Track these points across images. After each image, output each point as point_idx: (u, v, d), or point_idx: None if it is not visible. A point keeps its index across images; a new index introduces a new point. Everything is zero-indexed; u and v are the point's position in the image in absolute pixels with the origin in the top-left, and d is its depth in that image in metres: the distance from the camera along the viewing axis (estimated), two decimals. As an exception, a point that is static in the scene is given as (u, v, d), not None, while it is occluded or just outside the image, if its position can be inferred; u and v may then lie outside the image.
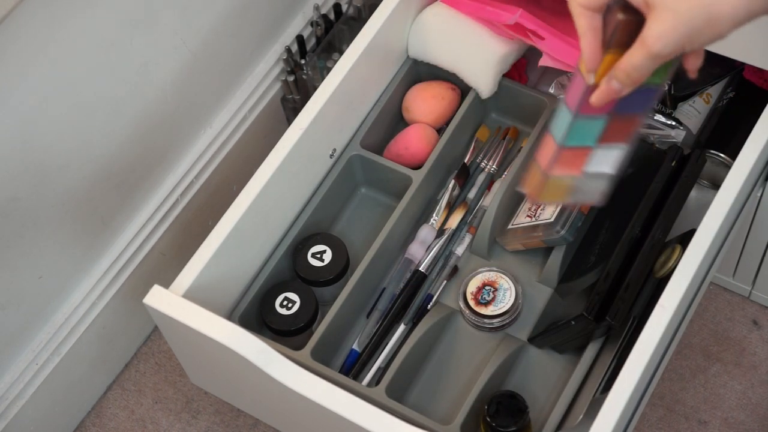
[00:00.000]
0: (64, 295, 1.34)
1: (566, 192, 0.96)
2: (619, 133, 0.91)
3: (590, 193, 0.96)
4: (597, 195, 0.96)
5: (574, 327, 1.09)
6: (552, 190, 0.95)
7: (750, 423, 1.37)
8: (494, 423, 1.08)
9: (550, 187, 0.95)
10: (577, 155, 0.92)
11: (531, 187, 0.96)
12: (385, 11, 1.21)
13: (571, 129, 0.89)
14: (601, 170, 0.94)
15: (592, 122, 0.89)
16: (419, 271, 1.21)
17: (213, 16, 1.35)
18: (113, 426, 1.44)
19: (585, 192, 0.96)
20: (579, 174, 0.94)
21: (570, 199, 0.98)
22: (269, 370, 1.00)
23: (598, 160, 0.93)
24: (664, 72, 0.84)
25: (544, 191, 0.95)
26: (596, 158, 0.92)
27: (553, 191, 0.95)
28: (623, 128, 0.91)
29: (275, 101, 1.52)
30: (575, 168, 0.93)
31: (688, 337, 1.42)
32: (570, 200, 0.99)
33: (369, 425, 0.96)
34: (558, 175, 0.94)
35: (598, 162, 0.93)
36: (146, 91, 1.30)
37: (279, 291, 1.18)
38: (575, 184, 0.95)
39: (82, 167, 1.25)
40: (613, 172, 0.94)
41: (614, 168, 0.94)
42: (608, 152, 0.92)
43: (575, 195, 0.96)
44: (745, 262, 1.38)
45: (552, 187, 0.95)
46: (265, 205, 1.13)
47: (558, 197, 1.00)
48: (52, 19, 1.10)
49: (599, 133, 0.90)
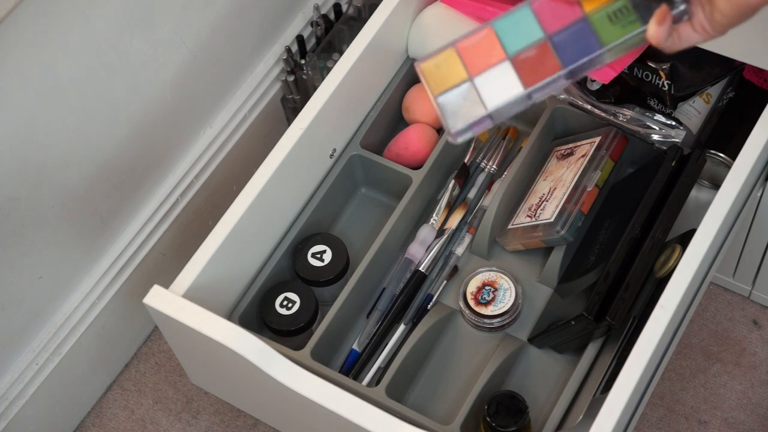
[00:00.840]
0: (64, 295, 1.34)
1: (446, 82, 0.81)
2: (532, 67, 0.80)
3: (453, 113, 0.81)
4: (456, 121, 0.81)
5: (574, 327, 1.09)
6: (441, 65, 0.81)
7: (750, 423, 1.37)
8: (494, 423, 1.08)
9: (442, 61, 0.81)
10: (488, 48, 0.80)
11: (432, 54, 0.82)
12: (385, 11, 1.21)
13: (512, 13, 0.81)
14: (482, 93, 0.80)
15: (531, 23, 0.80)
16: (419, 271, 1.21)
17: (213, 16, 1.35)
18: (113, 426, 1.44)
19: (452, 105, 0.81)
20: (469, 76, 0.81)
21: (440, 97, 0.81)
22: (269, 370, 1.00)
23: (494, 79, 0.80)
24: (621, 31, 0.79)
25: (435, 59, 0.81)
26: (495, 75, 0.80)
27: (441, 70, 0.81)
28: (538, 66, 0.80)
29: (275, 101, 1.52)
30: (474, 63, 0.80)
31: (688, 337, 1.42)
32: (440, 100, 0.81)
33: (369, 425, 0.96)
34: (457, 55, 0.81)
35: (491, 80, 0.80)
36: (146, 91, 1.30)
37: (279, 291, 1.18)
38: (457, 85, 0.81)
39: (82, 167, 1.25)
40: (488, 111, 0.81)
41: (494, 107, 0.80)
42: (506, 80, 0.80)
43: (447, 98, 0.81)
44: (745, 262, 1.38)
45: (443, 62, 0.81)
46: (265, 205, 1.13)
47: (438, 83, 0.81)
48: (52, 19, 1.10)
49: (525, 44, 0.80)
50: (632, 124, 1.23)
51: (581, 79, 1.27)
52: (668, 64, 1.19)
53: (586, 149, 1.22)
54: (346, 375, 1.15)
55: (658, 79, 1.20)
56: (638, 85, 1.22)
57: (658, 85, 1.20)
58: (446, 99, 0.81)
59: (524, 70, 0.81)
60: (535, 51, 0.81)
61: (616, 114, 1.24)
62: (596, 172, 1.20)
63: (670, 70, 1.19)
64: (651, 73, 1.21)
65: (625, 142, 1.23)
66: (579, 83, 1.27)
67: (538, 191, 1.23)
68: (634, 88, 1.23)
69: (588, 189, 1.18)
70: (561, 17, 0.81)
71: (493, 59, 0.81)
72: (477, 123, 0.81)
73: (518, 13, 0.81)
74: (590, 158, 1.20)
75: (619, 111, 1.24)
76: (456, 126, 0.81)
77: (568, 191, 1.18)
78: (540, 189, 1.23)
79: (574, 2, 0.80)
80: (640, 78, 1.22)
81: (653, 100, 1.23)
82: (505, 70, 0.81)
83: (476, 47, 0.81)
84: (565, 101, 1.26)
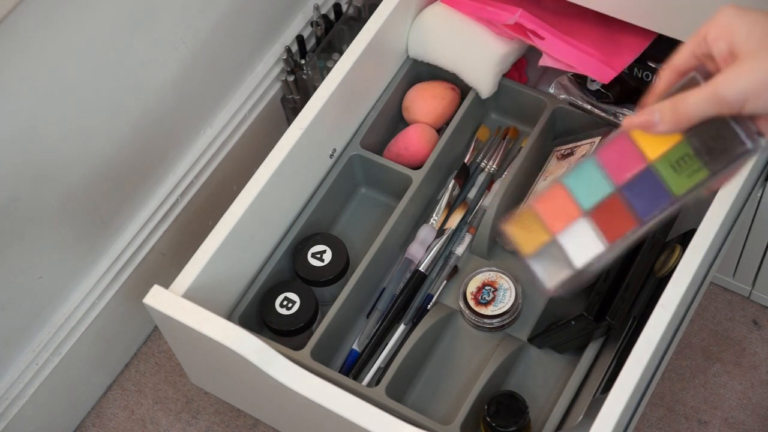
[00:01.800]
0: (64, 295, 1.34)
1: (533, 243, 0.82)
2: (609, 222, 0.80)
3: (545, 271, 0.82)
4: (549, 279, 0.82)
5: (574, 327, 1.09)
6: (525, 226, 0.83)
7: (750, 423, 1.37)
8: (494, 423, 1.08)
9: (524, 221, 0.83)
10: (563, 206, 0.81)
11: (515, 216, 0.84)
12: (385, 11, 1.21)
13: (579, 167, 0.81)
14: (569, 252, 0.81)
15: (599, 177, 0.80)
16: (419, 271, 1.21)
17: (213, 16, 1.35)
18: (113, 426, 1.44)
19: (543, 264, 0.82)
20: (552, 235, 0.82)
21: (531, 258, 0.82)
22: (269, 370, 1.00)
23: (576, 236, 0.81)
24: (688, 181, 0.77)
25: (519, 221, 0.83)
26: (576, 232, 0.81)
27: (525, 231, 0.83)
28: (615, 220, 0.80)
29: (275, 101, 1.52)
30: (554, 222, 0.81)
31: (688, 337, 1.42)
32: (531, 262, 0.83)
33: (369, 425, 0.96)
34: (536, 215, 0.82)
35: (574, 238, 0.81)
36: (146, 91, 1.30)
37: (279, 291, 1.18)
38: (544, 245, 0.82)
39: (82, 167, 1.25)
40: (574, 268, 0.81)
41: (580, 263, 0.81)
42: (587, 237, 0.81)
43: (537, 258, 0.82)
44: (745, 262, 1.38)
45: (526, 222, 0.83)
46: (265, 205, 1.13)
47: (525, 243, 0.83)
48: (52, 19, 1.10)
49: (597, 199, 0.80)
50: (632, 124, 1.23)
51: (581, 79, 1.27)
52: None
53: (586, 149, 1.22)
54: (346, 375, 1.15)
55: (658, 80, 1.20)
56: (638, 85, 1.22)
57: (658, 85, 1.20)
58: (536, 260, 0.82)
59: (603, 225, 0.80)
60: (608, 205, 0.80)
61: (616, 114, 1.24)
62: (596, 172, 1.19)
63: (670, 70, 1.19)
64: (651, 73, 1.21)
65: (625, 142, 1.23)
66: (579, 83, 1.27)
67: (538, 191, 1.23)
68: (634, 88, 1.23)
69: (588, 189, 1.18)
70: (626, 166, 0.79)
71: (570, 216, 0.81)
72: (570, 279, 0.82)
73: (585, 166, 0.81)
74: (590, 158, 1.20)
75: (619, 111, 1.24)
76: (550, 285, 0.82)
77: (568, 191, 1.18)
78: (540, 189, 1.23)
79: (637, 150, 0.78)
80: (640, 78, 1.22)
81: (653, 100, 1.22)
82: (584, 226, 0.81)
83: (552, 205, 0.82)
84: (565, 101, 1.26)
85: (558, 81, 1.29)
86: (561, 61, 1.20)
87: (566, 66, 1.20)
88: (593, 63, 1.19)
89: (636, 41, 1.20)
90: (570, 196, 0.81)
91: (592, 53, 1.19)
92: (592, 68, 1.19)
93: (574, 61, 1.19)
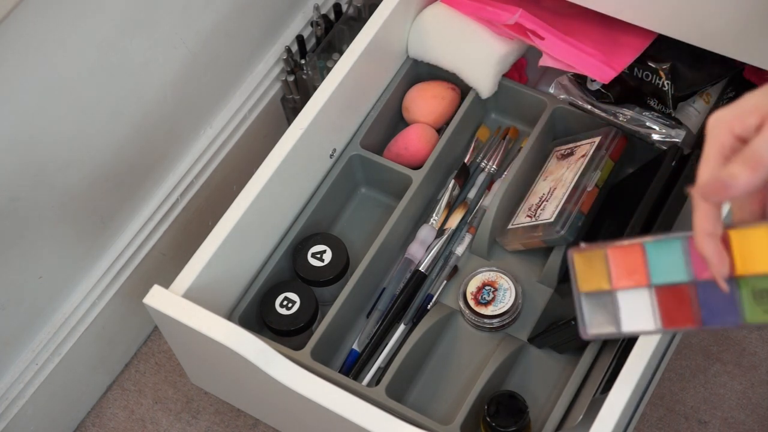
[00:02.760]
0: (64, 295, 1.34)
1: (592, 283, 0.82)
2: (671, 308, 0.78)
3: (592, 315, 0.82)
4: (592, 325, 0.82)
5: (574, 327, 1.09)
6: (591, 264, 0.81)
7: (750, 423, 1.36)
8: (494, 423, 1.08)
9: (592, 258, 0.81)
10: (635, 267, 0.79)
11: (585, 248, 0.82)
12: (385, 11, 1.21)
13: (666, 240, 0.77)
14: (621, 313, 0.80)
15: (681, 260, 0.77)
16: (419, 271, 1.21)
17: (213, 16, 1.35)
18: (113, 426, 1.44)
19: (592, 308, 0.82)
20: (612, 288, 0.80)
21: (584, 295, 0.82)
22: (269, 370, 1.00)
23: (634, 303, 0.80)
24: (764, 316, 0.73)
25: (586, 255, 0.82)
26: (636, 298, 0.80)
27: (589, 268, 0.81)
28: (678, 309, 0.78)
29: (275, 101, 1.52)
30: (620, 277, 0.80)
31: (688, 337, 1.42)
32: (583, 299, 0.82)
33: (369, 425, 0.96)
34: (606, 260, 0.81)
35: (631, 303, 0.80)
36: (146, 91, 1.30)
37: (279, 291, 1.18)
38: (601, 291, 0.81)
39: (82, 167, 1.25)
40: (620, 331, 0.81)
41: (628, 329, 0.80)
42: (644, 309, 0.79)
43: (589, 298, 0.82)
44: (745, 262, 1.38)
45: (593, 260, 0.81)
46: (265, 205, 1.13)
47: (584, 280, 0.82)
48: (52, 19, 1.10)
49: (670, 280, 0.78)
50: (632, 124, 1.23)
51: (581, 79, 1.27)
52: (668, 64, 1.19)
53: (586, 149, 1.22)
54: (346, 375, 1.15)
55: (658, 79, 1.20)
56: (638, 85, 1.22)
57: (658, 85, 1.20)
58: (588, 301, 0.82)
59: (664, 307, 0.79)
60: (678, 292, 0.78)
61: (616, 114, 1.24)
62: (596, 172, 1.20)
63: (670, 70, 1.19)
64: (651, 73, 1.21)
65: (625, 142, 1.23)
66: (579, 83, 1.27)
67: (538, 191, 1.23)
68: (634, 88, 1.23)
69: (588, 189, 1.18)
70: None
71: (637, 281, 0.79)
72: (610, 335, 0.82)
73: (672, 243, 0.78)
74: (590, 158, 1.20)
75: (619, 111, 1.24)
76: (591, 330, 0.82)
77: (568, 191, 1.18)
78: (540, 189, 1.23)
79: (730, 254, 0.73)
80: (640, 78, 1.22)
81: (653, 100, 1.23)
82: (646, 299, 0.79)
83: (625, 260, 0.80)
84: (565, 101, 1.26)
85: (558, 81, 1.29)
86: (561, 61, 1.20)
87: (566, 66, 1.20)
88: (593, 63, 1.19)
89: (636, 41, 1.20)
90: (645, 262, 0.79)
91: (592, 53, 1.19)
92: (592, 68, 1.19)
93: (574, 61, 1.19)
